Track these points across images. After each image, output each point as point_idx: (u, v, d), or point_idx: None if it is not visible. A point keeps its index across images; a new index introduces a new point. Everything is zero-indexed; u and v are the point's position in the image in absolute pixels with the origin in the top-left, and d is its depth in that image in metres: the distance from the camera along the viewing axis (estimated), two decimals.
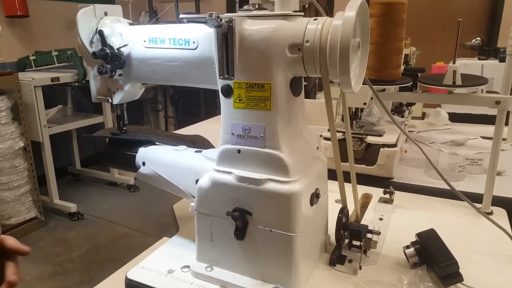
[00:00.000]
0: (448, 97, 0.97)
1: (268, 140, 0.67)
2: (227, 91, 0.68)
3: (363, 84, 0.70)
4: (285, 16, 0.64)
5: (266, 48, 0.63)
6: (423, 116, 2.04)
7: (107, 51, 0.79)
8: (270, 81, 0.65)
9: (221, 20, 0.62)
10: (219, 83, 0.69)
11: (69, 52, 2.85)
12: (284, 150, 0.67)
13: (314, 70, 0.63)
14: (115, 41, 0.80)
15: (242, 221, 0.69)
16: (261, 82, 0.65)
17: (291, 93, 0.69)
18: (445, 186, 1.19)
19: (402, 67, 1.14)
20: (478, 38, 3.51)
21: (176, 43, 0.74)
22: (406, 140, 1.52)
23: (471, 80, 0.98)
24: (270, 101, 0.66)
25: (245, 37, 0.65)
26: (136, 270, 0.78)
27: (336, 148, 0.73)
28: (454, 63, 0.96)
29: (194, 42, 0.72)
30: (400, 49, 0.96)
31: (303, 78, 0.71)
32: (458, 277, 0.72)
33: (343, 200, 0.81)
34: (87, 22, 0.81)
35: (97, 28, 0.81)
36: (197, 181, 0.75)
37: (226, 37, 0.65)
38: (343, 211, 0.80)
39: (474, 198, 0.92)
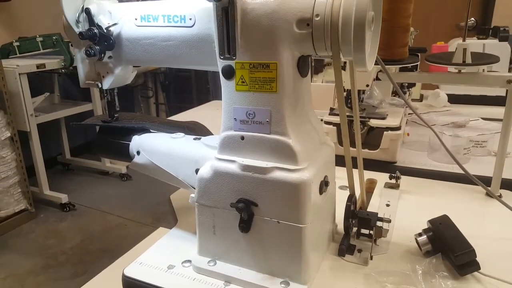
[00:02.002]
0: (458, 76, 0.92)
1: (274, 125, 0.62)
2: (229, 73, 0.63)
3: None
4: None
5: (271, 24, 0.58)
6: (421, 98, 2.00)
7: (95, 31, 0.73)
8: (276, 61, 0.59)
9: None
10: (219, 64, 0.64)
11: (54, 38, 2.74)
12: (292, 135, 0.62)
13: (324, 48, 0.58)
14: (103, 20, 0.74)
15: (248, 212, 0.64)
16: (266, 62, 0.60)
17: (298, 74, 0.63)
18: (449, 170, 1.17)
19: None
20: (472, 19, 3.47)
21: (171, 20, 0.68)
22: (406, 123, 1.48)
23: (481, 59, 0.94)
24: (276, 83, 0.60)
25: (247, 12, 0.59)
26: (133, 266, 0.74)
27: (345, 133, 0.68)
28: (464, 40, 0.91)
29: (190, 19, 0.66)
30: (407, 27, 0.91)
31: (310, 57, 0.65)
32: (475, 266, 0.68)
33: (351, 187, 0.77)
34: None
35: (83, 6, 0.74)
36: (197, 170, 0.70)
37: (226, 12, 0.59)
38: (351, 199, 0.76)
39: (481, 181, 0.88)
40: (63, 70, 2.81)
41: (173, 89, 4.67)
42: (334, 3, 0.55)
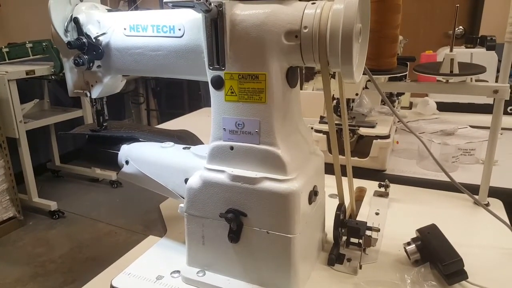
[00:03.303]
0: (445, 86, 0.94)
1: (263, 135, 0.62)
2: (218, 83, 0.63)
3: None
4: (280, 0, 0.59)
5: (260, 35, 0.58)
6: (411, 105, 2.02)
7: (84, 40, 0.73)
8: (265, 72, 0.59)
9: (210, 4, 0.57)
10: (208, 74, 0.64)
11: (44, 44, 2.72)
12: (281, 146, 0.62)
13: (313, 59, 0.58)
14: (92, 30, 0.74)
15: (237, 223, 0.64)
16: (255, 73, 0.60)
17: (287, 84, 0.63)
18: (438, 178, 1.18)
19: None
20: (461, 27, 3.52)
21: (160, 31, 0.68)
22: (396, 131, 1.49)
23: (468, 69, 0.95)
24: (265, 93, 0.60)
25: (236, 23, 0.59)
26: (122, 277, 0.73)
27: (334, 142, 0.68)
28: (451, 51, 0.92)
29: (180, 29, 0.66)
30: (396, 37, 0.92)
31: (298, 68, 0.66)
32: (463, 275, 0.69)
33: (341, 197, 0.77)
34: (60, 8, 0.74)
35: (72, 15, 0.74)
36: (186, 180, 0.70)
37: (215, 23, 0.59)
38: (341, 208, 0.76)
39: (469, 189, 0.89)
40: (53, 77, 2.79)
41: (164, 95, 4.66)
42: (322, 15, 0.55)
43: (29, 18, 3.36)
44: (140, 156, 0.80)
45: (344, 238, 0.80)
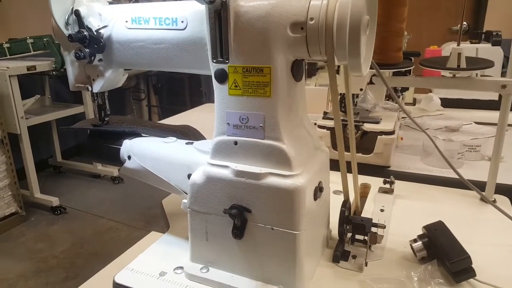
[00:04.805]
0: (452, 81, 0.92)
1: (268, 130, 0.61)
2: (221, 76, 0.62)
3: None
4: None
5: (264, 27, 0.57)
6: (414, 102, 2.00)
7: (85, 33, 0.71)
8: (270, 65, 0.58)
9: None
10: (212, 68, 0.62)
11: (45, 39, 2.71)
12: (286, 141, 0.61)
13: (319, 52, 0.57)
14: (93, 22, 0.72)
15: (241, 219, 0.63)
16: (260, 66, 0.59)
17: (292, 78, 0.62)
18: (443, 174, 1.17)
19: None
20: (465, 23, 3.49)
21: (163, 23, 0.66)
22: (400, 127, 1.48)
23: (475, 63, 0.94)
24: (270, 87, 0.59)
25: (241, 15, 0.58)
26: (124, 273, 0.72)
27: (340, 137, 0.67)
28: (458, 45, 0.91)
29: (182, 22, 0.64)
30: (401, 31, 0.91)
31: (304, 61, 0.65)
32: (471, 273, 0.68)
33: (345, 193, 0.76)
34: (61, 1, 0.72)
35: (72, 8, 0.73)
36: (189, 176, 0.69)
37: (219, 14, 0.58)
38: (346, 205, 0.75)
39: (475, 186, 0.88)
40: (54, 72, 2.78)
41: (165, 91, 4.65)
42: (329, 6, 0.54)
43: (30, 14, 3.34)
44: (142, 151, 0.78)
45: (349, 234, 0.78)
